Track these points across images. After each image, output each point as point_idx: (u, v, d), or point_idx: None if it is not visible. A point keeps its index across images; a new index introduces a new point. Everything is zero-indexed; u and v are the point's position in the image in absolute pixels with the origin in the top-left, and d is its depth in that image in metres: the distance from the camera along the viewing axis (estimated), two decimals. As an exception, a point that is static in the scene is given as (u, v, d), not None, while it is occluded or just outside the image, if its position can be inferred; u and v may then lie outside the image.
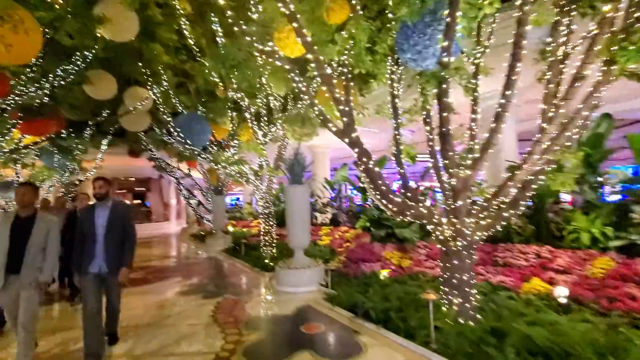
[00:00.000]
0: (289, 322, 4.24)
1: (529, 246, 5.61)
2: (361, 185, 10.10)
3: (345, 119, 3.43)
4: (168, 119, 7.95)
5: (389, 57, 4.20)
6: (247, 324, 4.18)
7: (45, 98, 6.64)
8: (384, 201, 3.48)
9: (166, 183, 23.29)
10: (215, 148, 9.43)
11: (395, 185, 12.98)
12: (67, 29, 6.36)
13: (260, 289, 5.87)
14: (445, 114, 3.30)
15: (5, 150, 6.62)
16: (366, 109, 4.68)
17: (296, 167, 6.21)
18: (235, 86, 6.94)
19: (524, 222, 6.12)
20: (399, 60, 4.39)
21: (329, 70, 3.47)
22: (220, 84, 7.80)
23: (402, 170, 3.94)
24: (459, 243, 3.42)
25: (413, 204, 3.51)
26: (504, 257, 5.45)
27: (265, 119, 8.98)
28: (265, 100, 7.91)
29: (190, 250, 11.68)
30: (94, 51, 7.14)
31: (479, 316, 3.61)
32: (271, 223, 8.73)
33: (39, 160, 11.82)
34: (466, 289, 3.54)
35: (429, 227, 3.70)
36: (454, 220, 3.34)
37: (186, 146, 8.18)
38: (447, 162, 3.45)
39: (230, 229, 15.46)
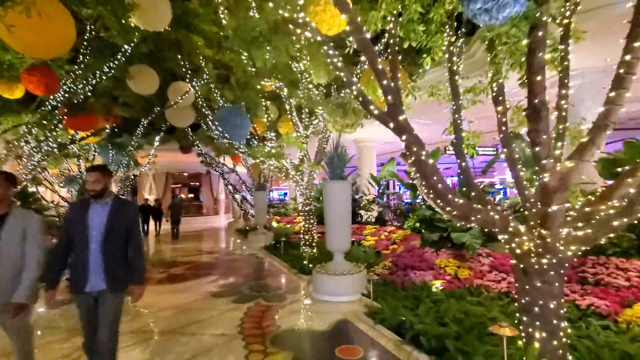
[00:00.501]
0: (323, 341, 3.63)
1: (629, 261, 4.40)
2: (410, 181, 9.19)
3: (389, 98, 2.70)
4: (206, 113, 7.73)
5: (446, 26, 3.37)
6: (275, 338, 3.65)
7: (89, 93, 6.73)
8: (440, 202, 2.71)
9: (216, 178, 23.99)
10: (255, 142, 9.13)
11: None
12: (105, 23, 6.34)
13: (295, 295, 5.35)
14: (538, 78, 2.44)
15: (54, 145, 6.83)
16: (417, 90, 3.87)
17: (336, 161, 5.57)
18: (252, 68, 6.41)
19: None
20: (459, 29, 3.54)
21: (368, 35, 2.75)
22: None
23: (463, 163, 3.11)
24: (545, 260, 2.54)
25: (480, 206, 2.69)
26: (595, 273, 4.32)
27: (307, 110, 8.45)
28: (306, 90, 7.36)
29: (233, 246, 11.62)
30: (133, 44, 7.12)
31: (570, 358, 2.70)
32: (312, 221, 8.21)
33: (98, 156, 12.54)
34: (554, 320, 2.64)
35: (500, 237, 2.85)
36: (543, 230, 2.47)
37: (225, 140, 7.92)
38: (539, 149, 2.58)
39: (275, 224, 15.32)
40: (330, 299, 4.93)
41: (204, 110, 7.87)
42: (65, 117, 6.27)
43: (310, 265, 6.79)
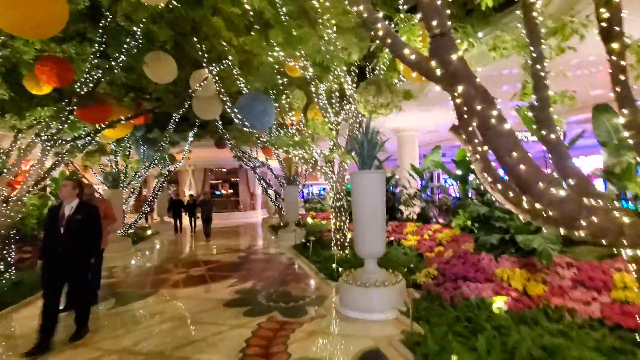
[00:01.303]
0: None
1: None
2: (458, 171, 7.89)
3: (434, 23, 1.70)
4: (225, 99, 7.07)
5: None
6: (282, 374, 2.81)
7: (99, 81, 6.36)
8: (519, 195, 1.66)
9: (252, 173, 23.86)
10: (281, 131, 8.36)
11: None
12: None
13: (318, 308, 4.46)
14: None
15: (68, 139, 6.56)
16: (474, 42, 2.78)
17: (366, 147, 4.57)
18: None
19: None
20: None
21: None
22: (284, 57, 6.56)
23: (552, 135, 2.00)
24: None
25: (594, 203, 1.60)
26: None
27: (337, 94, 7.49)
28: (336, 73, 6.41)
29: (263, 243, 11.03)
30: (148, 30, 6.62)
31: None
32: (343, 218, 7.27)
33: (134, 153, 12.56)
34: None
35: (628, 252, 1.73)
36: None
37: (246, 129, 7.20)
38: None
39: (310, 220, 14.59)
40: (359, 316, 3.98)
41: (222, 97, 7.21)
42: (75, 108, 5.94)
43: (340, 270, 5.88)
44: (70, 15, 6.40)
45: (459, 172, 7.81)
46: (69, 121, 6.14)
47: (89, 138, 7.69)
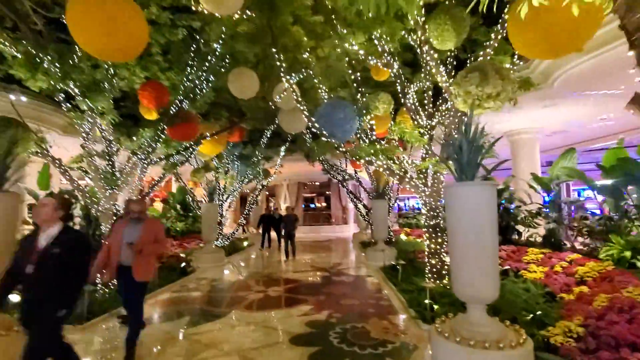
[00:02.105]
0: None
1: None
2: (606, 181, 5.75)
3: None
4: (303, 108, 6.63)
5: None
6: None
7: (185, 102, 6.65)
8: None
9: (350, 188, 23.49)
10: (366, 140, 7.53)
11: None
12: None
13: (403, 361, 3.42)
14: None
15: (162, 157, 6.99)
16: None
17: (467, 152, 3.41)
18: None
19: None
20: None
21: None
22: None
23: None
24: None
25: None
26: None
27: (430, 93, 6.35)
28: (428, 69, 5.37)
29: (350, 262, 10.22)
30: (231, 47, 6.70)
31: None
32: (439, 240, 5.99)
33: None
34: None
35: None
36: None
37: (325, 139, 6.61)
38: None
39: (403, 237, 13.27)
40: (459, 390, 2.83)
41: (301, 107, 6.80)
42: (166, 127, 6.28)
43: (436, 308, 4.67)
44: (171, 44, 6.99)
45: (607, 182, 5.73)
46: (161, 139, 6.51)
47: (183, 154, 8.23)
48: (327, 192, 23.96)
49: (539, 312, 4.08)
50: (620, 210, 5.65)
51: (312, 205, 25.13)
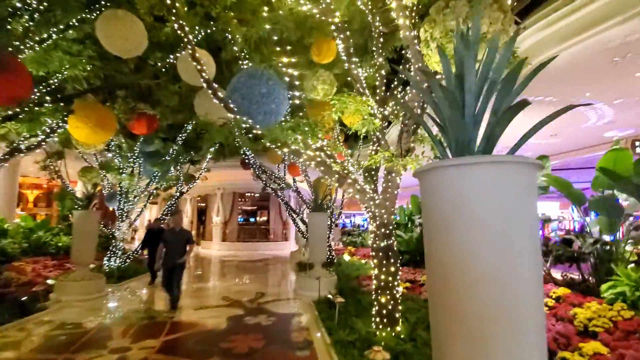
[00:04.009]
0: None
1: None
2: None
3: None
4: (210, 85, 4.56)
5: None
6: None
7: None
8: None
9: (286, 198, 21.42)
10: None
11: None
12: None
13: None
14: None
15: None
16: None
17: (473, 85, 1.65)
18: None
19: None
20: None
21: None
22: None
23: None
24: None
25: None
26: None
27: (383, 72, 4.70)
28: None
29: (278, 291, 8.11)
30: None
31: None
32: (392, 269, 4.21)
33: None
34: None
35: None
36: None
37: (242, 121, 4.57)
38: None
39: (346, 257, 11.52)
40: None
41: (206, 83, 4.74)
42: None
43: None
44: None
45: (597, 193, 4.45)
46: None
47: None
48: (266, 205, 21.67)
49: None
50: (618, 231, 4.36)
51: (253, 220, 22.60)
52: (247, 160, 11.73)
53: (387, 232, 4.22)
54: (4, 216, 10.67)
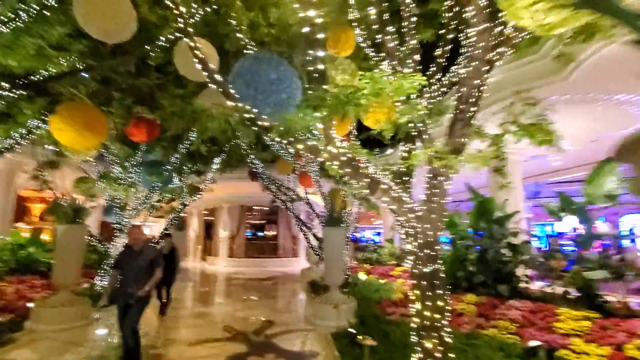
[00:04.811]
0: None
1: None
2: None
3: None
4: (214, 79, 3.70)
5: None
6: None
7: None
8: None
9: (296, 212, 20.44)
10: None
11: None
12: None
13: None
14: None
15: None
16: None
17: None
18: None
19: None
20: None
21: None
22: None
23: None
24: None
25: None
26: None
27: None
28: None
29: (290, 318, 7.05)
30: None
31: None
32: (441, 304, 3.19)
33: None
34: None
35: None
36: None
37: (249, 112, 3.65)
38: None
39: (362, 276, 10.39)
40: None
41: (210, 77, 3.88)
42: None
43: None
44: None
45: None
46: None
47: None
48: (275, 219, 20.72)
49: None
50: None
51: (261, 234, 21.64)
52: (254, 171, 10.88)
53: (433, 254, 3.22)
54: (-3, 231, 9.97)
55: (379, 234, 29.42)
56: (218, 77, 3.18)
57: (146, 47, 5.07)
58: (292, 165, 9.65)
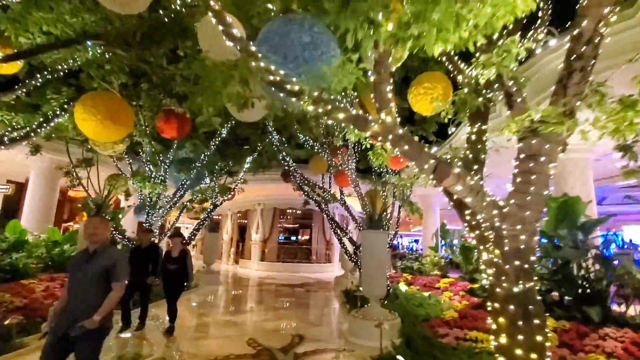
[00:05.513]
0: None
1: None
2: None
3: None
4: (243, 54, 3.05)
5: None
6: None
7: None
8: None
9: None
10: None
11: None
12: None
13: None
14: None
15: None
16: None
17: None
18: None
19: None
20: None
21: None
22: None
23: None
24: None
25: None
26: None
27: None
28: None
29: (325, 333, 6.23)
30: None
31: None
32: (540, 337, 2.25)
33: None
34: None
35: None
36: None
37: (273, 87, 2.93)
38: None
39: (402, 287, 9.37)
40: None
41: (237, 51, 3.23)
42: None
43: None
44: None
45: None
46: None
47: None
48: (308, 222, 20.04)
49: None
50: None
51: (294, 238, 21.07)
52: (287, 169, 10.25)
53: (526, 267, 2.29)
54: (36, 228, 10.11)
55: (416, 241, 27.67)
56: (245, 42, 2.50)
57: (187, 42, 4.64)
58: (326, 163, 8.92)
